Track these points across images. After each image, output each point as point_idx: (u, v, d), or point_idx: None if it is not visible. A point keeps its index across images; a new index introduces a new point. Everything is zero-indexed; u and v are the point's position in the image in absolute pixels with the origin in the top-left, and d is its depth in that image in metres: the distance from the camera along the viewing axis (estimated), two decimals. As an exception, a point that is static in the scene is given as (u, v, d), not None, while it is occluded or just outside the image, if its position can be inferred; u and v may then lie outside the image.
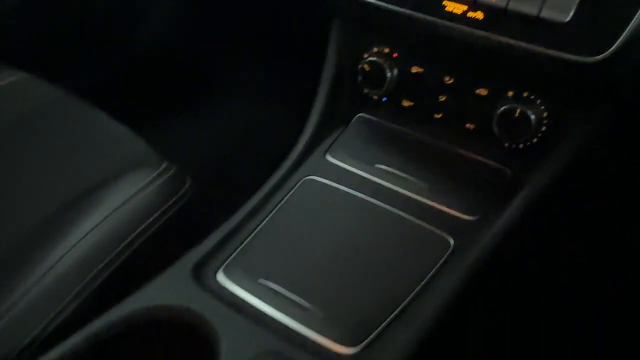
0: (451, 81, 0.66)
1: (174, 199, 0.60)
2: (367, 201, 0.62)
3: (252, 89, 1.18)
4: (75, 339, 0.44)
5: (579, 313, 0.73)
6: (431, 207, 0.62)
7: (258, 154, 1.05)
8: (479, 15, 0.59)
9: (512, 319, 0.68)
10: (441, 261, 0.56)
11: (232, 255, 0.55)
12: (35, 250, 0.52)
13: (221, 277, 0.53)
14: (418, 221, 0.60)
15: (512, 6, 0.56)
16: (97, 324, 0.45)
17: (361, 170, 0.66)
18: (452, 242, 0.58)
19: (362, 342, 0.48)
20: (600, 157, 0.67)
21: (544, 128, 0.62)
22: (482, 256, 0.57)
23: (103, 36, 1.06)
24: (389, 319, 0.50)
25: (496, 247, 0.58)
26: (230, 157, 1.06)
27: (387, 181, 0.65)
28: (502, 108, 0.62)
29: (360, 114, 0.73)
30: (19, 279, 0.49)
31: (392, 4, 0.63)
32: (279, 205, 0.61)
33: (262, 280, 0.52)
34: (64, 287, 0.49)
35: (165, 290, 0.49)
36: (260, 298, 0.51)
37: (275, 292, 0.51)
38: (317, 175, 0.65)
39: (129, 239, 0.54)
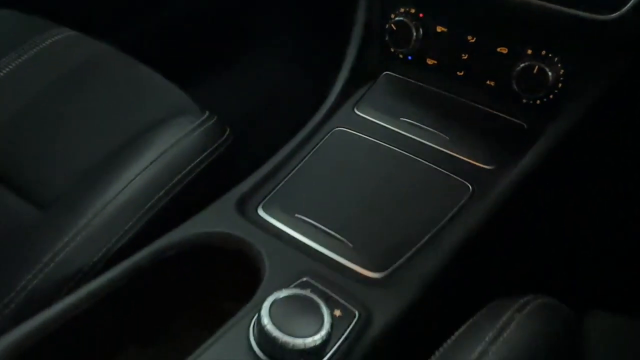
0: (473, 40, 0.70)
1: (215, 144, 0.66)
2: (393, 150, 0.67)
3: (284, 46, 1.23)
4: (137, 257, 0.50)
5: (587, 253, 0.78)
6: (452, 157, 0.67)
7: (289, 107, 1.11)
8: (502, -26, 0.62)
9: (524, 256, 0.73)
10: (460, 204, 0.61)
11: (271, 194, 0.61)
12: (98, 184, 0.58)
13: (261, 212, 0.59)
14: (440, 169, 0.65)
15: (533, -34, 0.60)
16: (155, 246, 0.52)
17: (387, 123, 0.71)
18: (471, 187, 0.63)
19: (386, 269, 0.54)
20: (612, 113, 0.71)
21: (560, 84, 0.66)
22: (498, 200, 0.62)
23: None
24: (411, 251, 0.56)
25: (511, 193, 0.63)
26: (264, 109, 1.12)
27: (411, 133, 0.70)
28: (521, 65, 0.66)
29: (386, 72, 0.77)
30: (87, 206, 0.56)
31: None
32: (311, 152, 0.67)
33: (298, 215, 0.58)
34: (125, 215, 0.56)
35: (214, 220, 0.55)
36: (297, 230, 0.57)
37: (311, 224, 0.57)
38: (346, 127, 0.71)
39: (177, 178, 0.61)
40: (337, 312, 0.46)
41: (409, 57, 0.76)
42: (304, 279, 0.49)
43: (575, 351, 0.47)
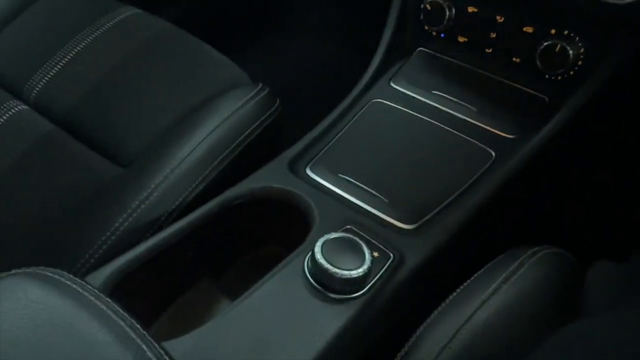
0: (502, 20, 0.77)
1: (268, 112, 0.75)
2: (425, 120, 0.75)
3: (323, 26, 1.31)
4: (208, 206, 0.61)
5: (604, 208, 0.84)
6: (477, 126, 0.74)
7: (330, 78, 1.19)
8: (529, -38, 0.69)
9: (539, 213, 0.81)
10: (484, 168, 0.69)
11: (317, 156, 0.70)
12: (171, 144, 0.68)
13: (309, 172, 0.68)
14: (466, 137, 0.73)
15: (558, -46, 0.66)
16: (223, 197, 0.62)
17: (419, 95, 0.79)
18: (493, 154, 0.71)
19: (417, 222, 0.63)
20: (626, 89, 0.78)
21: (580, 62, 0.73)
22: (517, 166, 0.70)
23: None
24: (439, 207, 0.65)
25: (530, 159, 0.71)
26: (307, 80, 1.20)
27: (441, 104, 0.78)
28: (545, 44, 0.73)
29: (420, 48, 0.85)
30: (164, 163, 0.66)
31: (455, -49, 0.73)
32: (352, 121, 0.75)
33: (341, 175, 0.68)
34: (196, 171, 0.66)
35: (271, 177, 0.64)
36: (340, 187, 0.66)
37: (352, 183, 0.66)
38: (382, 99, 0.79)
39: (239, 140, 0.70)
40: (376, 254, 0.56)
41: (442, 35, 0.83)
42: (348, 226, 0.59)
43: (575, 293, 0.56)
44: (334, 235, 0.53)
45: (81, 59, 0.84)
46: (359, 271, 0.50)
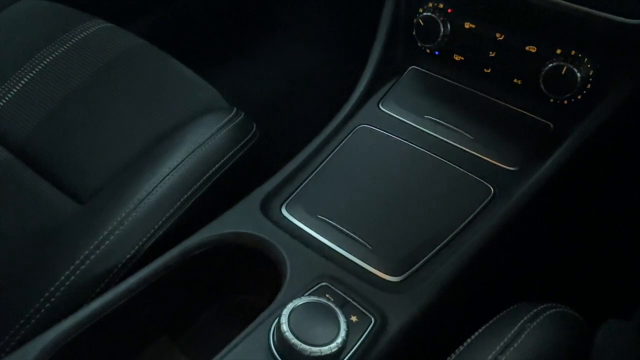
0: (502, 37, 0.69)
1: (243, 140, 0.68)
2: (416, 149, 0.68)
3: (309, 33, 1.23)
4: (167, 256, 0.54)
5: (611, 257, 0.77)
6: (475, 157, 0.67)
7: (313, 94, 1.12)
8: (533, -25, 0.61)
9: (543, 262, 0.74)
10: (481, 207, 0.62)
11: (294, 193, 0.63)
12: (132, 180, 0.61)
13: (285, 212, 0.61)
14: (462, 169, 0.66)
15: (565, -32, 0.59)
16: (185, 245, 0.55)
17: (411, 120, 0.72)
18: (492, 189, 0.63)
19: (403, 273, 0.56)
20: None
21: (589, 85, 0.65)
22: (518, 204, 0.62)
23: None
24: (428, 255, 0.57)
25: (534, 197, 0.63)
26: (287, 96, 1.13)
27: (435, 132, 0.70)
28: (550, 65, 0.65)
29: (413, 66, 0.78)
30: (122, 204, 0.59)
31: (449, -38, 0.66)
32: (335, 150, 0.68)
33: (320, 216, 0.60)
34: (157, 213, 0.59)
35: (240, 220, 0.57)
36: (318, 231, 0.59)
37: (331, 226, 0.59)
38: (370, 124, 0.71)
39: (207, 174, 0.63)
40: (354, 318, 0.49)
41: (436, 52, 0.75)
42: (323, 283, 0.51)
43: (583, 360, 0.49)
44: (304, 300, 0.45)
45: (42, 79, 0.77)
46: (332, 346, 0.43)
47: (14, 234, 0.62)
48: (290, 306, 0.45)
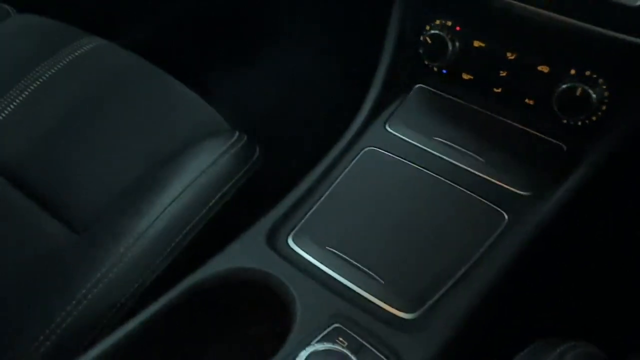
0: (513, 57, 0.67)
1: (247, 165, 0.66)
2: (425, 173, 0.66)
3: (308, 41, 1.21)
4: (169, 297, 0.51)
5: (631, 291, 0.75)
6: (487, 181, 0.65)
7: (315, 104, 1.09)
8: (547, -5, 0.59)
9: (561, 294, 0.72)
10: (494, 235, 0.59)
11: (301, 222, 0.60)
12: (131, 210, 0.59)
13: (292, 243, 0.58)
14: (474, 194, 0.63)
15: (582, -12, 0.57)
16: (187, 283, 0.52)
17: (419, 142, 0.69)
18: (506, 217, 0.61)
19: (418, 309, 0.53)
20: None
21: (604, 107, 0.63)
22: (535, 232, 0.60)
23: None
24: (443, 289, 0.55)
25: (550, 224, 0.61)
26: (288, 107, 1.10)
27: (444, 154, 0.68)
28: (564, 86, 0.63)
29: (419, 85, 0.75)
30: (121, 236, 0.56)
31: (459, -20, 0.63)
32: (341, 175, 0.65)
33: (328, 247, 0.58)
34: (158, 247, 0.56)
35: (245, 254, 0.55)
36: (327, 264, 0.56)
37: (341, 258, 0.57)
38: (377, 146, 0.69)
39: (210, 204, 0.61)
40: (369, 362, 0.46)
41: (444, 71, 0.73)
42: (335, 325, 0.49)
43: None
44: (318, 347, 0.43)
45: (37, 99, 0.74)
46: (348, 398, 0.41)
47: (5, 264, 0.59)
48: (303, 355, 0.42)
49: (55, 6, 0.90)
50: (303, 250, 0.57)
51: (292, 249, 0.57)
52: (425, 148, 0.69)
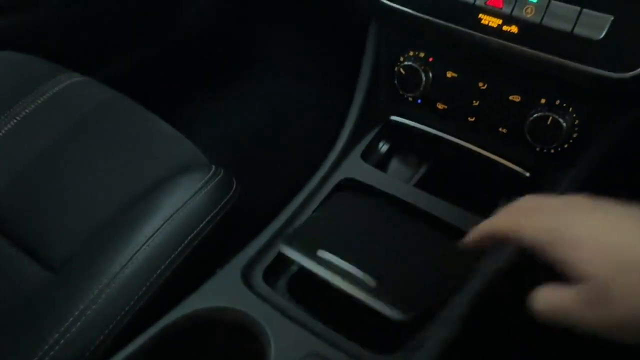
0: (485, 87, 0.68)
1: (223, 201, 0.66)
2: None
3: (289, 67, 1.22)
4: (141, 340, 0.51)
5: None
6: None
7: (296, 132, 1.10)
8: (514, 29, 0.60)
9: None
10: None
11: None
12: (105, 252, 0.59)
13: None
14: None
15: (547, 22, 0.58)
16: (160, 325, 0.52)
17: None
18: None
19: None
20: (629, 160, 0.69)
21: (575, 134, 0.64)
22: (511, 258, 0.60)
23: (143, 22, 1.11)
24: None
25: (524, 252, 0.61)
26: (269, 135, 1.11)
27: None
28: (535, 115, 0.64)
29: (393, 116, 0.76)
30: (92, 281, 0.56)
31: (430, 15, 0.64)
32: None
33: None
34: (132, 288, 0.56)
35: (220, 293, 0.55)
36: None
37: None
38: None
39: (186, 241, 0.60)
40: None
41: (419, 101, 0.74)
42: (309, 364, 0.49)
43: None
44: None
45: (15, 136, 0.75)
46: None
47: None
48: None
49: (34, 43, 0.91)
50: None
51: (267, 286, 0.57)
52: (400, 180, 0.69)
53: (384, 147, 0.75)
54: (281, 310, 0.54)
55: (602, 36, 0.56)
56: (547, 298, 0.40)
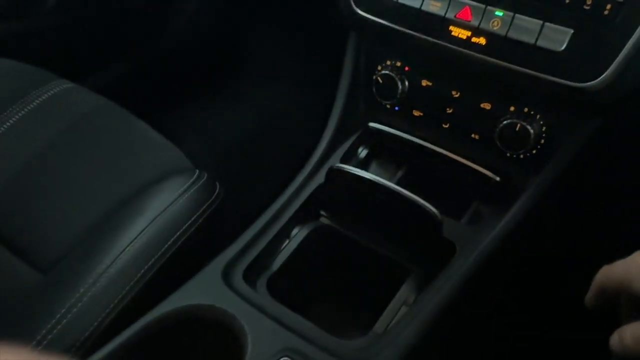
0: (457, 95, 0.71)
1: (206, 204, 0.68)
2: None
3: (275, 74, 1.24)
4: (123, 337, 0.53)
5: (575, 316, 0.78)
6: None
7: (280, 138, 1.12)
8: (482, 40, 0.63)
9: (508, 321, 0.74)
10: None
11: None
12: (91, 252, 0.61)
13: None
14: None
15: (512, 35, 0.61)
16: (141, 323, 0.54)
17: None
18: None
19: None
20: (594, 164, 0.72)
21: (542, 140, 0.67)
22: (481, 259, 0.63)
23: (133, 29, 1.13)
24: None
25: (494, 251, 0.64)
26: (250, 145, 1.13)
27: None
28: (504, 122, 0.67)
29: (371, 123, 0.79)
30: (77, 280, 0.58)
31: (404, 27, 0.68)
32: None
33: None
34: (116, 288, 0.58)
35: (200, 291, 0.57)
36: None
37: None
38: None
39: (170, 242, 0.63)
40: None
41: (396, 108, 0.77)
42: (284, 358, 0.51)
43: None
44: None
45: (4, 142, 0.77)
46: None
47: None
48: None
49: (24, 50, 0.93)
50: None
51: (246, 284, 0.60)
52: (378, 183, 0.72)
53: (363, 152, 0.78)
54: (259, 307, 0.56)
55: (563, 48, 0.59)
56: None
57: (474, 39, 0.64)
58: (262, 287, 0.60)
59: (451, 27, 0.65)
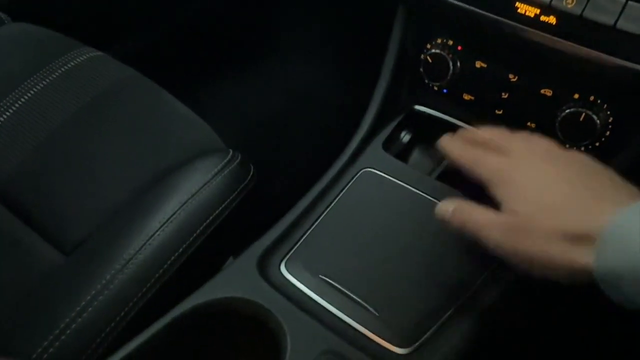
0: (515, 79, 0.65)
1: (240, 187, 0.64)
2: (423, 197, 0.64)
3: (307, 50, 1.19)
4: (153, 330, 0.49)
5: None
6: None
7: (312, 116, 1.07)
8: (552, 20, 0.57)
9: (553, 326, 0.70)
10: (496, 262, 0.58)
11: (294, 248, 0.58)
12: (119, 235, 0.57)
13: (284, 270, 0.57)
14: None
15: (588, 14, 0.55)
16: (172, 315, 0.50)
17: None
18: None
19: (412, 344, 0.52)
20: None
21: (607, 133, 0.62)
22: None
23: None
24: (439, 323, 0.53)
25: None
26: (285, 118, 1.08)
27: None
28: (567, 110, 0.61)
29: (416, 106, 0.73)
30: (105, 265, 0.54)
31: (462, 1, 0.62)
32: (337, 198, 0.64)
33: (322, 276, 0.56)
34: (145, 274, 0.54)
35: (235, 283, 0.53)
36: (320, 294, 0.55)
37: (334, 288, 0.55)
38: (374, 168, 0.67)
39: (201, 227, 0.59)
40: (359, 403, 0.44)
41: (444, 90, 0.71)
42: (326, 360, 0.47)
43: None
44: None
45: (28, 111, 0.73)
46: None
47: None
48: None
49: (50, 16, 0.88)
50: (295, 278, 0.56)
51: (284, 277, 0.56)
52: (422, 172, 0.67)
53: (405, 137, 0.73)
54: (297, 302, 0.52)
55: (646, 31, 0.53)
56: (469, 211, 0.46)
57: (542, 18, 0.57)
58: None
59: (517, 3, 0.58)
